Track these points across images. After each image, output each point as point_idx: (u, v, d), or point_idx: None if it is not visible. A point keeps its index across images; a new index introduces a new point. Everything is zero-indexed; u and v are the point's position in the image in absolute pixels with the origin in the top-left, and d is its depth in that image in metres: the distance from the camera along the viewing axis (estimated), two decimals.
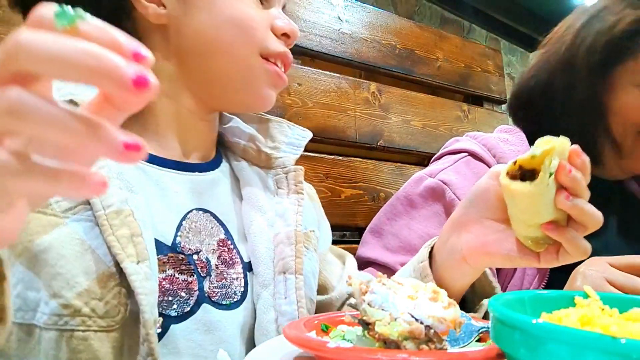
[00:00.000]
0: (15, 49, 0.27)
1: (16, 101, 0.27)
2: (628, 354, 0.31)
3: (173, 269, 0.65)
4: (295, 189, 0.79)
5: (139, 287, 0.56)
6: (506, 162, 0.95)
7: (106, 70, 0.27)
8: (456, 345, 0.50)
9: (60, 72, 0.27)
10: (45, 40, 0.27)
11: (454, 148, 1.05)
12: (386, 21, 1.56)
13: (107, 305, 0.56)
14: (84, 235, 0.58)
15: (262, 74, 0.72)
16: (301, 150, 0.83)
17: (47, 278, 0.55)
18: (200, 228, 0.70)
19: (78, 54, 0.27)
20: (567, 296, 0.47)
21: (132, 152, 0.28)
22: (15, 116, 0.27)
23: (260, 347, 0.53)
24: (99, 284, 0.56)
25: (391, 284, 0.46)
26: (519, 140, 1.04)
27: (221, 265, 0.69)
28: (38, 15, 0.28)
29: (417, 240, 0.93)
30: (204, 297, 0.66)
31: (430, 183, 0.97)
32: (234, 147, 0.81)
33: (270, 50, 0.72)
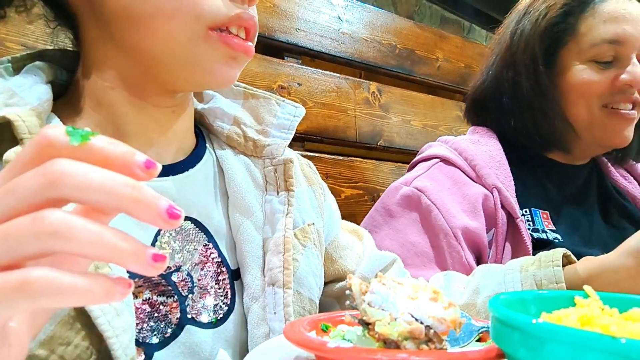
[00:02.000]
0: (58, 177, 0.28)
1: (56, 223, 0.28)
2: (628, 354, 0.31)
3: (150, 292, 0.59)
4: (284, 185, 0.69)
5: (107, 329, 0.50)
6: (477, 164, 0.98)
7: (145, 204, 0.29)
8: (456, 345, 0.50)
9: (102, 203, 0.29)
10: (87, 172, 0.29)
11: (426, 155, 1.07)
12: (386, 21, 1.56)
13: (77, 349, 0.50)
14: None
15: (214, 47, 0.58)
16: (292, 133, 0.72)
17: None
18: (180, 241, 0.62)
19: (119, 186, 0.29)
20: (567, 296, 0.47)
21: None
22: (59, 237, 0.28)
23: (260, 347, 0.53)
24: (65, 327, 0.50)
25: (391, 284, 0.46)
26: (489, 139, 1.06)
27: (205, 279, 0.63)
28: (51, 136, 0.30)
29: (400, 250, 0.94)
30: (187, 319, 0.61)
31: (406, 191, 0.98)
32: (217, 132, 0.71)
33: (219, 18, 0.57)
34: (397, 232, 0.96)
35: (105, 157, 0.30)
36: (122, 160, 0.30)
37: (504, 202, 0.94)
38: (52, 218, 0.28)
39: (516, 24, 1.04)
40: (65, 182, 0.28)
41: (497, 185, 0.95)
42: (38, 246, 0.28)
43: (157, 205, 0.29)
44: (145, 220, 0.30)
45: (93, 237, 0.28)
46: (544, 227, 0.97)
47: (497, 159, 1.00)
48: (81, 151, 0.29)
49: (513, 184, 0.97)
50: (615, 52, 0.96)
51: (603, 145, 1.03)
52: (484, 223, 0.94)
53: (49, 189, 0.28)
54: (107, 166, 0.30)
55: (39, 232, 0.28)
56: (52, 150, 0.29)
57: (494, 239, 0.94)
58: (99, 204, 0.29)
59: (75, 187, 0.28)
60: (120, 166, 0.30)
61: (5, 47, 0.91)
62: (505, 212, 0.94)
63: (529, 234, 0.93)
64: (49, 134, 0.30)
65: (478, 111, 1.13)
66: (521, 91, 1.01)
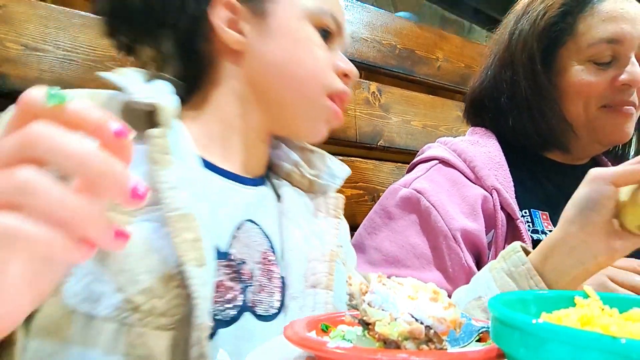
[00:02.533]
0: (34, 138, 0.31)
1: (27, 179, 0.30)
2: (628, 354, 0.31)
3: (224, 275, 0.67)
4: (334, 213, 0.83)
5: (196, 291, 0.58)
6: (476, 165, 0.98)
7: (113, 179, 0.31)
8: (456, 345, 0.50)
9: (72, 169, 0.31)
10: (62, 137, 0.31)
11: (425, 156, 1.06)
12: (386, 21, 1.56)
13: (166, 305, 0.58)
14: (151, 234, 0.61)
15: (324, 110, 0.78)
16: (341, 182, 0.88)
17: (113, 272, 0.58)
18: (249, 239, 0.72)
19: (92, 157, 0.31)
20: (567, 296, 0.47)
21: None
22: (26, 193, 0.30)
23: (261, 347, 0.53)
24: (161, 283, 0.59)
25: (391, 284, 0.46)
26: (488, 140, 1.05)
27: (262, 277, 0.72)
28: (30, 97, 0.32)
29: (399, 252, 0.94)
30: (246, 306, 0.69)
31: (405, 193, 0.98)
32: (278, 169, 0.86)
33: (334, 90, 0.78)
34: (396, 234, 0.96)
35: (80, 120, 0.32)
36: (96, 124, 0.32)
37: (503, 203, 0.94)
38: (23, 172, 0.30)
39: (514, 24, 1.03)
40: (39, 144, 0.31)
41: (497, 187, 0.95)
42: (6, 197, 0.30)
43: (124, 183, 0.31)
44: (110, 194, 0.32)
45: (56, 197, 0.30)
46: (544, 227, 0.96)
47: (496, 160, 1.00)
48: (57, 112, 0.31)
49: (512, 185, 0.97)
50: (613, 51, 0.95)
51: (603, 142, 1.03)
52: (483, 225, 0.94)
53: (24, 149, 0.31)
54: (81, 129, 0.32)
55: (10, 184, 0.30)
56: (31, 111, 0.32)
57: (494, 241, 0.93)
58: (69, 170, 0.31)
59: (49, 149, 0.31)
60: (94, 130, 0.32)
61: (5, 47, 0.91)
62: (504, 213, 0.94)
63: (529, 235, 0.93)
64: (29, 95, 0.32)
65: (477, 111, 1.13)
66: (519, 91, 1.00)
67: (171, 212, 0.61)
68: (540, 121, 1.00)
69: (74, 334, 0.57)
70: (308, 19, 0.76)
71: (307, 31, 0.76)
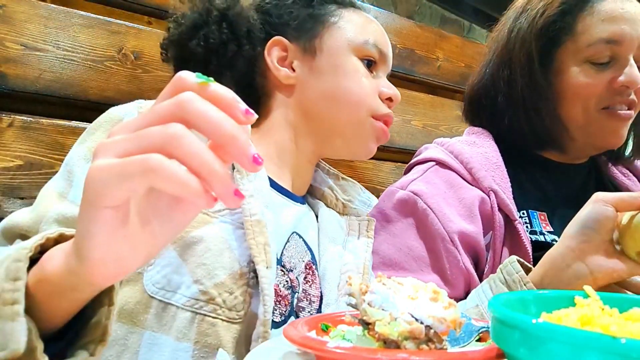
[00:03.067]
0: (185, 102, 0.38)
1: (177, 131, 0.37)
2: (628, 354, 0.31)
3: (278, 281, 0.73)
4: (366, 234, 0.90)
5: (266, 289, 0.65)
6: (473, 167, 0.99)
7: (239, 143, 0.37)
8: (456, 345, 0.50)
9: (209, 130, 0.37)
10: (206, 104, 0.38)
11: (422, 158, 1.06)
12: (386, 21, 1.56)
13: (235, 300, 0.66)
14: (227, 235, 0.69)
15: (372, 131, 0.87)
16: (371, 208, 0.97)
17: (193, 266, 0.65)
18: (296, 250, 0.80)
19: (227, 123, 0.37)
20: (567, 296, 0.47)
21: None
22: (174, 141, 0.36)
23: (261, 347, 0.53)
24: (233, 280, 0.66)
25: (391, 284, 0.46)
26: (485, 141, 1.05)
27: (306, 285, 0.78)
28: (183, 75, 0.39)
29: (397, 255, 0.93)
30: (292, 311, 0.75)
31: (402, 195, 0.97)
32: (315, 190, 0.95)
33: (379, 113, 0.87)
34: (394, 237, 0.96)
35: (218, 97, 0.38)
36: (230, 102, 0.39)
37: (501, 204, 0.94)
38: (176, 127, 0.37)
39: (514, 22, 1.02)
40: (188, 107, 0.37)
41: (494, 188, 0.94)
42: (159, 144, 0.37)
43: (248, 149, 0.37)
44: (235, 156, 0.38)
45: (198, 150, 0.36)
46: (542, 228, 0.96)
47: (494, 160, 0.99)
48: (202, 89, 0.38)
49: (510, 185, 0.96)
50: (612, 52, 0.94)
51: (597, 146, 1.02)
52: (480, 227, 0.93)
53: (177, 110, 0.38)
54: (218, 105, 0.38)
55: (165, 134, 0.37)
56: (182, 84, 0.39)
57: (492, 242, 0.93)
58: (208, 131, 0.37)
59: (195, 111, 0.37)
60: (228, 106, 0.38)
61: (5, 47, 0.91)
62: (502, 214, 0.93)
63: (527, 236, 0.92)
64: (182, 74, 0.40)
65: (474, 109, 1.12)
66: (516, 90, 1.00)
67: (249, 217, 0.69)
68: (536, 121, 0.99)
69: (150, 320, 0.63)
70: (353, 52, 0.85)
71: (353, 63, 0.85)
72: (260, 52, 0.85)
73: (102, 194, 0.37)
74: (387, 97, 0.88)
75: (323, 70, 0.84)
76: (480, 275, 0.94)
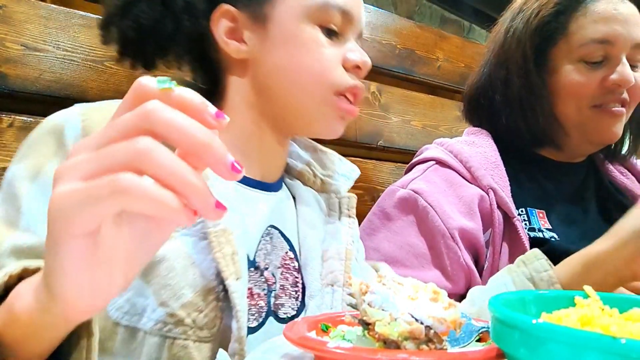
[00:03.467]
0: (149, 112, 0.34)
1: (146, 146, 0.33)
2: (628, 354, 0.31)
3: (252, 283, 0.70)
4: (347, 213, 0.84)
5: (238, 304, 0.61)
6: (472, 165, 0.99)
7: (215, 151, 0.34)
8: (456, 345, 0.50)
9: (180, 141, 0.34)
10: (172, 113, 0.34)
11: (422, 157, 1.07)
12: (386, 21, 1.56)
13: (205, 318, 0.61)
14: (190, 249, 0.63)
15: (334, 110, 0.76)
16: (352, 182, 0.89)
17: (157, 288, 0.60)
18: (271, 245, 0.75)
19: (197, 131, 0.34)
20: (567, 296, 0.47)
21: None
22: (144, 157, 0.33)
23: (261, 347, 0.53)
24: (201, 297, 0.62)
25: (391, 284, 0.46)
26: (484, 140, 1.06)
27: (283, 280, 0.74)
28: (143, 82, 0.36)
29: (398, 252, 0.95)
30: (270, 311, 0.71)
31: (403, 194, 0.98)
32: (290, 168, 0.87)
33: (342, 87, 0.75)
34: (395, 235, 0.97)
35: (184, 102, 0.35)
36: (197, 107, 0.35)
37: (499, 202, 0.95)
38: (144, 141, 0.33)
39: (510, 22, 1.04)
40: (154, 118, 0.34)
41: (493, 186, 0.96)
42: (127, 161, 0.33)
43: (224, 156, 0.34)
44: (213, 166, 0.35)
45: (171, 165, 0.33)
46: (540, 226, 0.97)
47: (492, 159, 1.01)
48: (166, 95, 0.35)
49: (508, 184, 0.98)
50: (604, 52, 0.95)
51: (593, 142, 1.03)
52: (480, 224, 0.94)
53: (141, 121, 0.34)
54: (185, 111, 0.35)
55: (132, 150, 0.33)
56: (143, 93, 0.35)
57: (491, 239, 0.94)
58: (177, 142, 0.34)
59: (162, 122, 0.34)
60: (196, 112, 0.35)
61: (5, 47, 0.91)
62: (501, 212, 0.95)
63: (526, 233, 0.93)
64: (142, 81, 0.36)
65: (473, 109, 1.14)
66: (512, 89, 1.01)
67: (213, 227, 0.63)
68: (532, 120, 1.00)
69: (117, 347, 0.59)
70: (309, 19, 0.73)
71: (309, 32, 0.73)
72: (206, 25, 0.74)
73: (71, 223, 0.34)
74: (354, 65, 0.76)
75: (275, 42, 0.73)
76: (480, 271, 0.95)
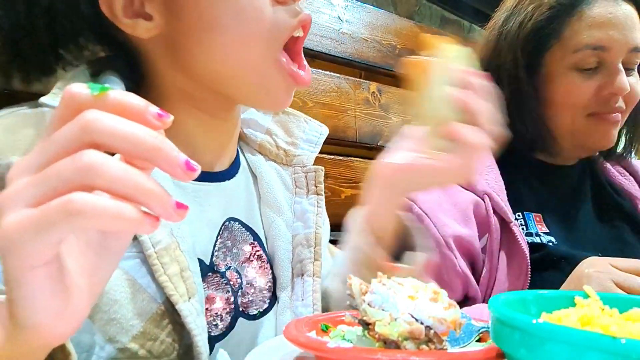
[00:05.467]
0: (89, 123, 0.32)
1: (91, 160, 0.31)
2: (628, 354, 0.31)
3: (213, 289, 0.65)
4: (315, 189, 0.77)
5: (194, 328, 0.56)
6: None
7: (165, 153, 0.32)
8: (456, 345, 0.50)
9: (127, 149, 0.32)
10: (114, 119, 0.32)
11: None
12: (386, 21, 1.56)
13: (162, 345, 0.56)
14: (135, 272, 0.56)
15: (278, 75, 0.63)
16: (319, 148, 0.80)
17: (102, 323, 0.54)
18: (231, 241, 0.69)
19: (143, 135, 0.32)
20: (567, 296, 0.47)
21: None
22: (92, 172, 0.31)
23: (260, 347, 0.53)
24: (153, 324, 0.56)
25: (391, 284, 0.46)
26: None
27: (251, 275, 0.70)
28: (74, 90, 0.33)
29: None
30: (239, 312, 0.67)
31: None
32: (250, 140, 0.78)
33: (286, 33, 0.62)
34: None
35: (122, 106, 0.33)
36: (137, 109, 0.33)
37: (495, 207, 0.93)
38: (88, 155, 0.31)
39: (502, 25, 1.01)
40: (94, 128, 0.32)
41: (488, 192, 0.94)
42: (76, 179, 0.31)
43: (176, 157, 0.32)
44: (166, 169, 0.33)
45: (123, 175, 0.31)
46: (537, 230, 0.96)
47: (487, 163, 0.99)
48: (101, 101, 0.33)
49: (504, 188, 0.96)
50: (599, 58, 0.93)
51: (586, 148, 1.02)
52: (476, 230, 0.93)
53: (82, 134, 0.32)
54: (124, 115, 0.32)
55: (77, 166, 0.31)
56: (76, 102, 0.33)
57: (488, 245, 0.93)
58: (125, 150, 0.32)
59: (103, 131, 0.32)
60: (137, 115, 0.33)
61: None
62: (497, 217, 0.93)
63: (524, 238, 0.92)
64: (72, 89, 0.33)
65: None
66: (502, 95, 0.99)
67: (151, 249, 0.56)
68: (522, 128, 0.98)
69: None
70: None
71: None
72: (94, 11, 0.59)
73: (27, 256, 0.31)
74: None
75: (185, 8, 0.59)
76: (478, 277, 0.94)
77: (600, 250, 0.85)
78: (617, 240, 1.00)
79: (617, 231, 1.02)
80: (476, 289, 0.92)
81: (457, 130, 0.59)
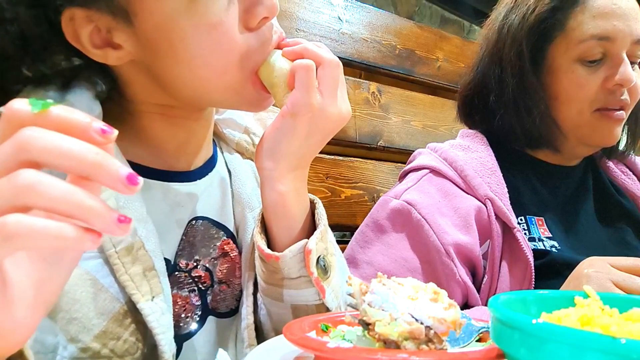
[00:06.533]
0: (27, 141, 0.32)
1: (28, 180, 0.31)
2: (628, 354, 0.31)
3: (178, 288, 0.65)
4: None
5: (156, 326, 0.56)
6: (468, 174, 0.96)
7: (107, 169, 0.32)
8: (456, 346, 0.50)
9: (67, 166, 0.32)
10: (53, 137, 0.32)
11: (415, 165, 1.03)
12: (386, 21, 1.56)
13: (125, 344, 0.56)
14: (97, 272, 0.56)
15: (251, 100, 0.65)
16: None
17: (63, 323, 0.54)
18: (200, 238, 0.68)
19: (84, 151, 0.32)
20: (567, 296, 0.47)
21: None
22: (29, 192, 0.31)
23: (260, 347, 0.53)
24: (116, 323, 0.56)
25: (391, 285, 0.46)
26: (480, 145, 1.02)
27: (224, 272, 0.69)
28: (14, 107, 0.33)
29: (392, 265, 0.92)
30: (208, 310, 0.67)
31: (396, 205, 0.95)
32: (227, 139, 0.78)
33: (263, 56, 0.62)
34: (389, 248, 0.94)
35: (65, 123, 0.33)
36: (80, 126, 0.33)
37: (498, 212, 0.91)
38: (25, 174, 0.31)
39: (504, 19, 1.00)
40: (33, 146, 0.31)
41: (490, 196, 0.92)
42: (13, 200, 0.31)
43: (117, 172, 0.32)
44: (107, 184, 0.33)
45: (62, 193, 0.31)
46: (540, 234, 0.94)
47: (489, 166, 0.97)
48: (43, 118, 0.32)
49: (506, 191, 0.94)
50: (604, 49, 0.93)
51: (590, 145, 1.01)
52: (477, 237, 0.91)
53: (19, 153, 0.32)
54: (67, 132, 0.32)
55: (13, 187, 0.31)
56: (17, 120, 0.33)
57: (490, 252, 0.91)
58: (65, 167, 0.32)
59: (43, 150, 0.32)
60: (80, 131, 0.33)
61: None
62: (499, 222, 0.92)
63: (528, 244, 0.90)
64: (13, 106, 0.33)
65: (467, 110, 1.10)
66: (507, 89, 0.97)
67: (112, 249, 0.56)
68: (528, 122, 0.97)
69: None
70: None
71: (193, 12, 0.55)
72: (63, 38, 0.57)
73: None
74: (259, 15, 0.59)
75: (154, 42, 0.57)
76: (478, 285, 0.93)
77: (604, 253, 0.84)
78: (620, 243, 1.00)
79: (620, 233, 1.01)
80: (476, 297, 0.91)
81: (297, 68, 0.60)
